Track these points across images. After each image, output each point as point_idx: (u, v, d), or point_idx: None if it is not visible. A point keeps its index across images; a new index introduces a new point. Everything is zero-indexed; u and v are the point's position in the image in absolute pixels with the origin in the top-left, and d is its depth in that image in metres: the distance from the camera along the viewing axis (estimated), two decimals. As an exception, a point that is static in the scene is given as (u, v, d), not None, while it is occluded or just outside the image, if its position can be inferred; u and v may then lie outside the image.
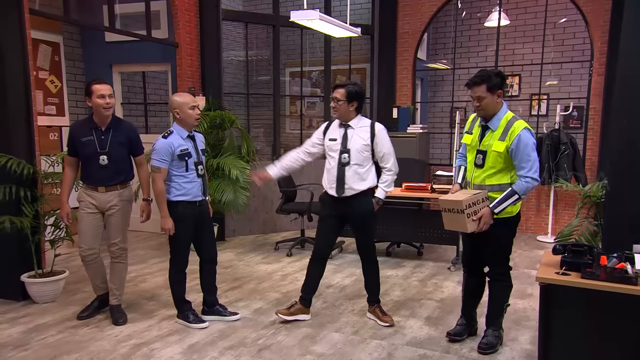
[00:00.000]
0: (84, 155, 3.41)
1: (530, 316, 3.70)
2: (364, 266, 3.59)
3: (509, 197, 2.83)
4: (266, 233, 6.48)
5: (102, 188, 3.44)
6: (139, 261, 5.05)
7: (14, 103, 3.82)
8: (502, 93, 2.90)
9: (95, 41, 6.29)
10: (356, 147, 3.32)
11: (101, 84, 3.36)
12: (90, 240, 3.49)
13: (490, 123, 2.93)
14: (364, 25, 6.78)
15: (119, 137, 3.44)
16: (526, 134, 2.81)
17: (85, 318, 3.52)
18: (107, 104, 3.34)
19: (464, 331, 3.28)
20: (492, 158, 2.89)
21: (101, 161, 3.39)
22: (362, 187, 3.35)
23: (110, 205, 3.47)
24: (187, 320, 3.47)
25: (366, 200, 3.40)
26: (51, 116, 5.88)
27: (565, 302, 2.46)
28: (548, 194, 6.37)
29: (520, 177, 2.84)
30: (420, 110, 7.72)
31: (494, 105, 2.89)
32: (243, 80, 7.27)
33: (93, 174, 3.43)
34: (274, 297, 4.09)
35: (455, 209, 2.83)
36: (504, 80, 2.94)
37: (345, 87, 3.30)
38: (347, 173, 3.32)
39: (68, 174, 3.49)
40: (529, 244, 6.07)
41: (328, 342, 3.25)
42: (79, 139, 3.38)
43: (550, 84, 7.06)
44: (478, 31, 7.51)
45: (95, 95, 3.32)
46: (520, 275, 4.74)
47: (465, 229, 2.85)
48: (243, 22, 6.51)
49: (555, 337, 2.50)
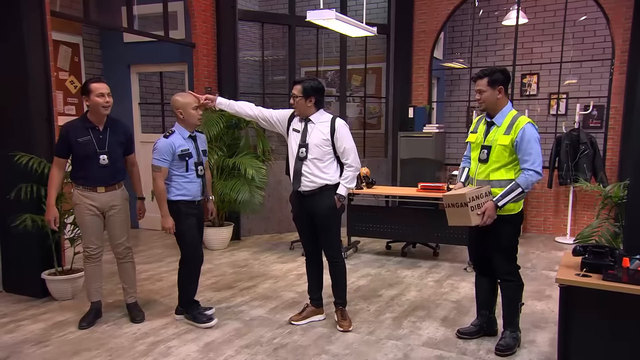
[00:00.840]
0: (80, 156, 3.32)
1: (549, 318, 3.65)
2: (329, 268, 3.47)
3: (513, 190, 2.84)
4: (281, 232, 6.50)
5: (101, 188, 3.39)
6: (155, 260, 5.10)
7: (36, 103, 3.89)
8: (503, 89, 2.94)
9: (113, 42, 6.38)
10: (315, 141, 3.26)
11: (99, 83, 3.35)
12: (96, 239, 3.46)
13: (495, 119, 2.98)
14: (380, 25, 6.76)
15: (117, 137, 3.44)
16: (530, 127, 2.86)
17: (85, 327, 3.41)
18: (106, 102, 3.33)
19: (475, 331, 3.27)
20: (497, 152, 2.92)
21: (102, 161, 3.34)
22: (320, 181, 3.28)
23: (111, 205, 3.44)
24: (195, 320, 3.46)
25: (328, 196, 3.32)
26: (71, 116, 5.97)
27: (586, 304, 2.42)
28: (567, 194, 6.27)
29: (524, 170, 2.86)
30: (437, 109, 7.66)
31: (494, 100, 2.95)
32: (259, 80, 7.29)
33: (92, 174, 3.35)
34: (289, 297, 4.10)
35: (458, 202, 2.84)
36: (508, 78, 2.98)
37: (302, 83, 3.27)
38: (304, 168, 3.29)
39: (57, 176, 3.37)
40: (547, 245, 5.98)
41: (343, 342, 3.24)
42: (75, 139, 3.30)
43: (569, 82, 6.94)
44: (495, 30, 7.43)
45: (95, 94, 3.30)
46: (539, 277, 4.68)
47: (469, 222, 2.85)
48: (259, 22, 6.53)
49: (575, 339, 2.45)
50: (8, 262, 4.10)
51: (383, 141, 7.38)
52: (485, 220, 2.87)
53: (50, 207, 3.38)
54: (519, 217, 3.03)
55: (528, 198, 6.53)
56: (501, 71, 2.95)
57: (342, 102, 6.88)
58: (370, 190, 5.27)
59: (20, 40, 3.79)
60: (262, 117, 3.46)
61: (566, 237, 6.18)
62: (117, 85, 6.34)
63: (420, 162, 6.15)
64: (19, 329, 3.40)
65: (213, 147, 5.41)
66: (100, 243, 3.51)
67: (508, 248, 3.03)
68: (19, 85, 3.85)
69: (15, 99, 3.88)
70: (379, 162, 7.20)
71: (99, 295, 3.59)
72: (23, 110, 3.87)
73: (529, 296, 4.12)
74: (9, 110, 3.93)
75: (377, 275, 4.71)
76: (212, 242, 5.64)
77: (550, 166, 6.16)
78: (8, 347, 3.12)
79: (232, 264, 5.10)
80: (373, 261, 5.22)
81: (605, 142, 6.12)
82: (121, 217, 3.50)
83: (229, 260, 5.22)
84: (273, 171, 6.08)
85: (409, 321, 3.58)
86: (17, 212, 3.76)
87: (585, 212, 6.23)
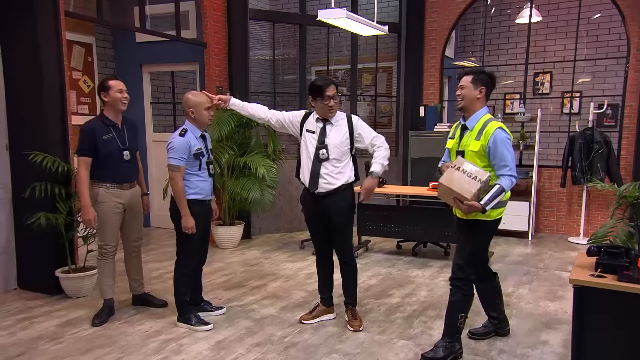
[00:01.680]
0: (105, 153, 3.38)
1: (562, 319, 3.61)
2: (341, 268, 3.47)
3: (499, 194, 2.75)
4: (292, 231, 6.51)
5: (127, 185, 3.49)
6: (167, 258, 5.13)
7: (50, 103, 3.93)
8: (484, 90, 2.87)
9: (126, 42, 6.43)
10: (334, 142, 3.24)
11: (117, 80, 3.46)
12: (115, 237, 3.54)
13: (469, 122, 2.91)
14: (391, 23, 6.72)
15: (132, 133, 3.55)
16: (501, 132, 2.78)
17: (99, 325, 3.44)
18: (125, 98, 3.44)
19: (485, 332, 3.28)
20: (469, 158, 2.85)
21: (125, 157, 3.45)
22: (339, 182, 3.27)
23: (133, 202, 3.56)
24: (190, 323, 3.40)
25: (344, 196, 3.31)
26: (84, 115, 6.03)
27: (601, 305, 2.39)
28: (580, 194, 6.20)
29: (504, 175, 2.78)
30: (448, 108, 7.61)
31: (473, 97, 2.87)
32: (270, 80, 7.31)
33: (117, 171, 3.44)
34: (300, 296, 4.10)
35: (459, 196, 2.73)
36: (493, 82, 2.92)
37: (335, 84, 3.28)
38: (324, 169, 3.26)
39: (86, 177, 3.38)
40: (559, 245, 5.92)
41: (354, 341, 3.24)
42: (100, 137, 3.37)
43: (583, 81, 6.86)
44: (508, 28, 7.37)
45: (114, 89, 3.39)
46: (551, 277, 4.63)
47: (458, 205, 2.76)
48: (270, 22, 6.54)
49: (590, 341, 2.42)
50: (23, 259, 4.16)
51: (394, 140, 7.35)
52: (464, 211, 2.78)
53: (87, 208, 3.37)
54: (496, 224, 2.93)
55: (540, 198, 6.47)
56: (488, 74, 2.91)
57: (353, 101, 6.87)
58: (381, 190, 5.25)
59: (34, 40, 3.84)
60: (275, 120, 3.45)
61: (579, 237, 6.11)
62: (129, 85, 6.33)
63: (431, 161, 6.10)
64: (34, 326, 3.44)
65: (224, 146, 5.43)
66: (117, 240, 3.58)
67: (470, 253, 2.91)
68: (34, 85, 3.89)
69: (30, 99, 3.93)
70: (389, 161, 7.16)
71: (111, 292, 3.63)
72: (37, 109, 3.92)
73: (541, 297, 4.09)
74: (24, 110, 3.98)
75: (388, 275, 4.70)
76: (222, 241, 5.67)
77: (563, 166, 6.09)
78: (23, 344, 3.17)
79: (242, 262, 5.12)
80: (384, 261, 5.21)
81: (620, 141, 6.04)
82: (140, 212, 3.64)
83: (240, 259, 5.24)
84: (284, 170, 6.09)
85: (420, 321, 3.57)
86: (32, 211, 3.81)
87: (599, 212, 6.15)
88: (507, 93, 7.53)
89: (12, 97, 4.03)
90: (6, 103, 4.05)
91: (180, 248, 3.39)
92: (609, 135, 5.92)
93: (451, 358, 2.95)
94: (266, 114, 3.45)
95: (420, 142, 6.61)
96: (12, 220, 4.13)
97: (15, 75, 3.99)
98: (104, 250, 3.53)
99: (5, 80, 4.03)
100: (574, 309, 2.45)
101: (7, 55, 4.01)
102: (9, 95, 4.04)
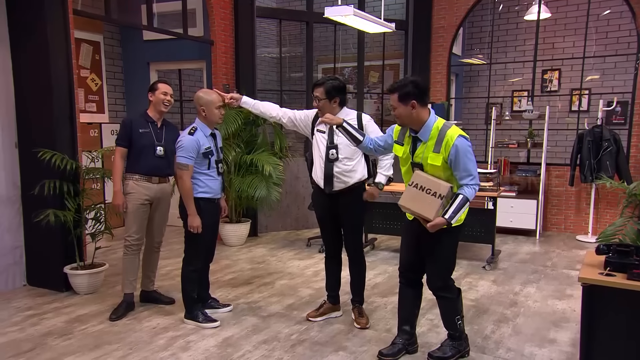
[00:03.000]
0: (140, 146, 3.50)
1: (570, 317, 3.60)
2: (350, 266, 3.46)
3: (463, 205, 2.65)
4: (298, 229, 6.52)
5: (155, 179, 3.58)
6: (175, 255, 5.16)
7: (59, 101, 3.96)
8: (416, 103, 2.65)
9: (133, 40, 6.46)
10: (345, 141, 3.19)
11: (165, 84, 3.61)
12: (140, 229, 3.61)
13: (420, 134, 2.71)
14: (398, 21, 6.71)
15: (172, 136, 3.62)
16: (462, 142, 2.62)
17: (116, 320, 3.50)
18: (167, 100, 3.57)
19: (396, 351, 2.97)
20: (431, 170, 2.70)
21: (158, 151, 3.54)
22: (352, 180, 3.27)
23: (160, 198, 3.63)
24: (197, 320, 3.42)
25: (357, 194, 3.31)
26: (92, 113, 6.07)
27: (610, 304, 2.37)
28: (589, 192, 6.16)
29: (467, 185, 2.65)
30: (455, 106, 7.59)
31: (409, 115, 2.67)
32: (276, 77, 7.31)
33: (149, 163, 3.53)
34: (306, 294, 4.11)
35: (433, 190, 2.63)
36: (421, 89, 2.68)
37: (324, 85, 3.17)
38: (336, 169, 3.25)
39: (121, 165, 3.53)
40: (567, 243, 5.89)
41: (361, 338, 3.24)
42: (137, 129, 3.50)
43: (592, 78, 6.81)
44: (516, 25, 7.32)
45: (160, 91, 3.54)
46: (559, 276, 4.61)
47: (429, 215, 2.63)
48: (277, 19, 6.54)
49: (599, 340, 2.41)
50: (32, 256, 4.20)
51: (401, 138, 7.32)
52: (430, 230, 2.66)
53: (117, 193, 3.52)
54: (462, 228, 2.82)
55: (548, 196, 6.43)
56: (413, 83, 2.66)
57: (360, 98, 6.86)
58: (388, 188, 5.22)
59: (43, 38, 3.86)
60: (286, 118, 3.45)
61: (588, 235, 6.07)
62: (136, 83, 6.44)
63: (438, 159, 6.11)
64: (43, 322, 3.48)
65: (231, 143, 5.44)
66: (143, 234, 3.63)
67: (445, 259, 2.83)
68: (43, 83, 3.92)
69: (39, 97, 3.96)
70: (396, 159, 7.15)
71: (132, 287, 3.68)
72: (46, 107, 3.95)
73: (549, 295, 4.07)
74: (33, 108, 4.02)
75: (395, 273, 4.68)
76: (229, 238, 5.69)
77: (571, 164, 6.05)
78: (33, 339, 3.20)
79: (249, 260, 5.14)
80: (390, 258, 5.21)
81: (630, 138, 5.99)
82: (166, 210, 3.73)
83: (247, 257, 5.26)
84: (290, 168, 6.10)
85: (427, 319, 3.56)
86: (41, 208, 3.84)
87: (608, 210, 6.11)
88: (515, 90, 7.49)
89: (21, 95, 4.06)
90: (15, 101, 4.08)
91: (188, 245, 3.41)
92: (618, 133, 5.88)
93: (458, 356, 2.95)
94: (277, 112, 3.45)
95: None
96: (22, 218, 4.17)
97: (25, 74, 4.02)
98: (128, 242, 3.59)
99: (15, 78, 4.07)
100: (583, 308, 2.43)
101: (16, 54, 4.04)
102: (18, 93, 4.07)
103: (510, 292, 4.15)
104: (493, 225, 4.92)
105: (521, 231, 6.31)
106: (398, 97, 2.67)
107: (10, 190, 4.11)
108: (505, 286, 4.32)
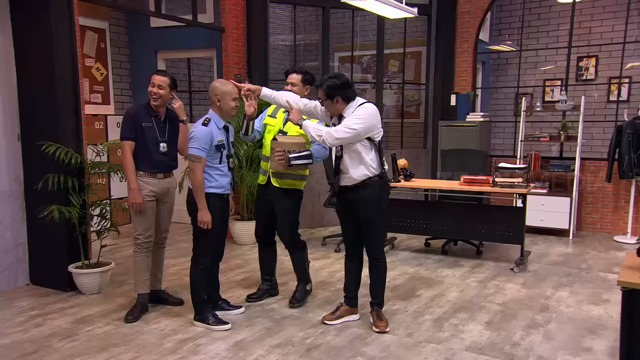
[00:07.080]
0: (143, 140, 3.53)
1: (607, 324, 3.54)
2: (370, 266, 3.49)
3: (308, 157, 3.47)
4: (313, 227, 6.52)
5: (160, 175, 3.62)
6: (183, 254, 5.20)
7: (63, 92, 4.01)
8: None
9: (140, 27, 6.51)
10: None
11: (158, 75, 3.59)
12: (150, 226, 3.65)
13: None
14: (421, 5, 6.64)
15: (174, 128, 3.66)
16: None
17: (132, 321, 3.53)
18: (155, 92, 3.52)
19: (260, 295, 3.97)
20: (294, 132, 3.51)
21: (161, 148, 3.59)
22: (359, 174, 3.28)
23: (166, 193, 3.68)
24: (207, 322, 3.44)
25: (371, 189, 3.31)
26: (97, 105, 6.15)
27: (651, 310, 2.32)
28: (628, 189, 6.05)
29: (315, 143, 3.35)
30: (481, 96, 7.50)
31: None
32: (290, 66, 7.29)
33: (153, 158, 3.57)
34: (322, 295, 4.11)
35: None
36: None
37: (322, 87, 3.21)
38: (342, 165, 3.33)
39: (132, 160, 3.52)
40: (604, 244, 5.79)
41: (380, 344, 3.23)
42: (141, 122, 3.53)
43: (632, 65, 6.66)
44: (549, 8, 7.19)
45: (150, 83, 3.55)
46: (595, 279, 4.54)
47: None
48: (291, 4, 6.53)
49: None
50: (35, 254, 4.26)
51: (422, 131, 7.28)
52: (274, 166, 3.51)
53: (135, 191, 3.50)
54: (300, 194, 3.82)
55: (583, 193, 6.34)
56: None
57: (379, 89, 6.82)
58: (408, 184, 5.22)
59: (47, 26, 3.91)
60: (307, 111, 3.48)
61: (626, 236, 5.97)
62: (143, 73, 6.48)
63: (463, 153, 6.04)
64: (47, 323, 3.54)
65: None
66: (151, 231, 3.67)
67: (291, 218, 3.76)
68: (46, 73, 3.97)
69: (42, 87, 4.01)
70: (417, 153, 7.12)
71: (146, 287, 3.72)
72: (50, 98, 4.00)
73: (584, 300, 4.01)
74: (36, 99, 4.07)
75: (416, 274, 4.67)
76: (241, 237, 5.72)
77: (609, 158, 5.95)
78: (37, 341, 3.26)
79: (261, 259, 5.15)
80: (411, 259, 5.18)
81: (673, 131, 5.86)
82: (171, 204, 3.78)
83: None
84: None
85: (451, 324, 3.54)
86: (44, 203, 3.88)
87: (649, 209, 6.00)
88: (547, 79, 7.36)
89: (24, 85, 4.12)
90: (18, 92, 4.15)
91: (197, 243, 3.43)
92: (660, 125, 5.75)
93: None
94: (297, 103, 3.48)
95: (451, 133, 6.53)
96: (24, 214, 4.23)
97: (27, 63, 4.08)
98: (138, 240, 3.63)
99: (17, 67, 4.12)
100: (623, 314, 2.39)
101: (18, 42, 4.10)
102: (21, 83, 4.13)
103: (541, 296, 4.10)
104: (522, 224, 4.86)
105: (553, 231, 6.22)
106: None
107: (12, 184, 4.17)
108: (536, 289, 4.26)
